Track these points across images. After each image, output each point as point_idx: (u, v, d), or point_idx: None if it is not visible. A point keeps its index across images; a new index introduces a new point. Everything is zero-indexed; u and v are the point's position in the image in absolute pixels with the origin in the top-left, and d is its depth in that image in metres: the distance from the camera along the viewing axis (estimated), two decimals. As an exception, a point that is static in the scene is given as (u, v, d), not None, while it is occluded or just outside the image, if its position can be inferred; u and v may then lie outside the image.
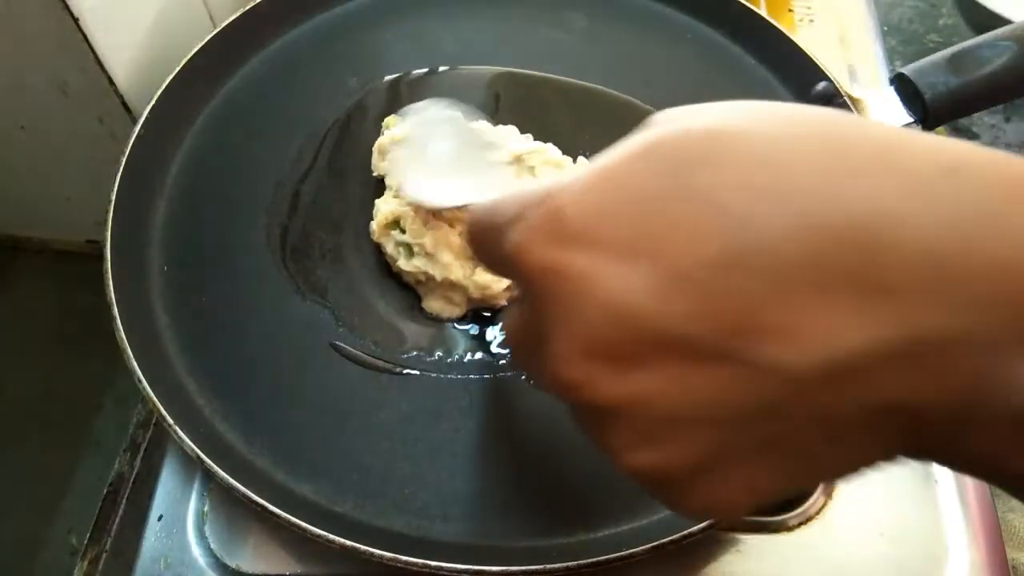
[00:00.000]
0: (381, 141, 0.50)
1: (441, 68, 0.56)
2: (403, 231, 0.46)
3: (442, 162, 0.45)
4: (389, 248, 0.46)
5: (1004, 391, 0.17)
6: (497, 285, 0.44)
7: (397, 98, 0.54)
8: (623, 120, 0.53)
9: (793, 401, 0.18)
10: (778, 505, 0.43)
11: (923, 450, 0.20)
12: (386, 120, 0.51)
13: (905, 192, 0.17)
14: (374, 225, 0.47)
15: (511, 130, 0.50)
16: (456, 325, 0.46)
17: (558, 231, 0.20)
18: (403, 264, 0.46)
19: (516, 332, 0.24)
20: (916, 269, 0.17)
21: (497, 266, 0.24)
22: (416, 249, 0.45)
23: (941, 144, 0.18)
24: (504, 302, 0.45)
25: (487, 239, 0.23)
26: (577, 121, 0.54)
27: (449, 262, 0.44)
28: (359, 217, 0.49)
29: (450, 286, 0.45)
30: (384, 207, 0.47)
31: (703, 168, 0.18)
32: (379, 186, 0.49)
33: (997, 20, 0.61)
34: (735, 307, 0.18)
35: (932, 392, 0.18)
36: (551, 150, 0.48)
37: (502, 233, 0.21)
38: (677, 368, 0.18)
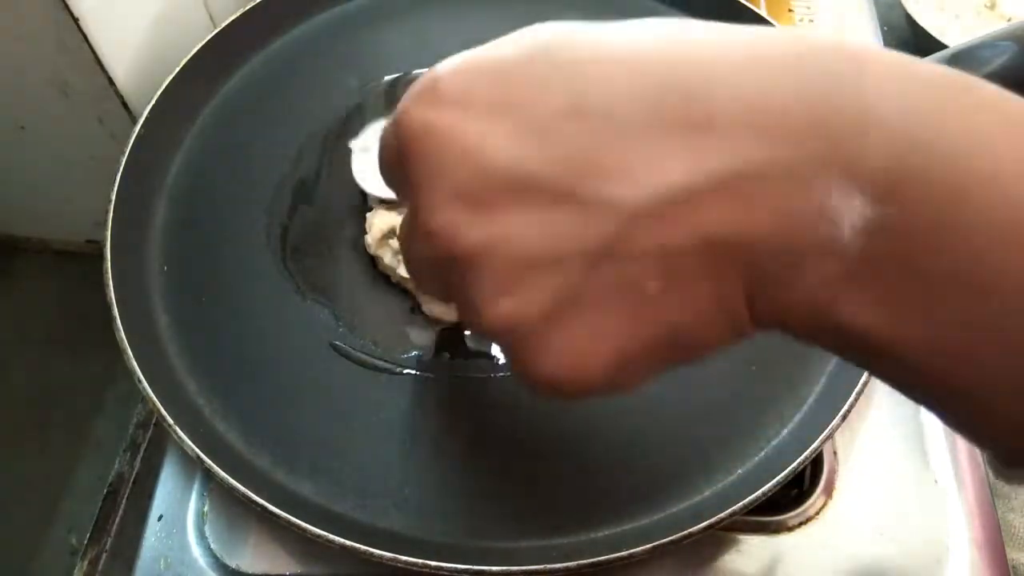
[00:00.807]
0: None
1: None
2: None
3: None
4: (387, 259, 0.46)
5: (819, 219, 0.19)
6: None
7: (397, 98, 0.54)
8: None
9: (629, 237, 0.20)
10: (777, 505, 0.43)
11: (764, 306, 0.21)
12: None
13: (723, 49, 0.20)
14: (369, 239, 0.47)
15: None
16: (456, 327, 0.46)
17: (432, 96, 0.22)
18: (403, 272, 0.46)
19: (403, 225, 0.25)
20: (732, 108, 0.19)
21: (390, 165, 0.25)
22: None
23: (768, 29, 0.21)
24: None
25: (386, 137, 0.25)
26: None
27: None
28: (359, 217, 0.49)
29: None
30: (378, 220, 0.47)
31: (566, 46, 0.21)
32: (379, 187, 0.49)
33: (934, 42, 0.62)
34: (579, 151, 0.20)
35: (754, 223, 0.19)
36: None
37: (392, 120, 0.23)
38: (530, 211, 0.20)
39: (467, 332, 0.45)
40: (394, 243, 0.46)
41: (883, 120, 0.18)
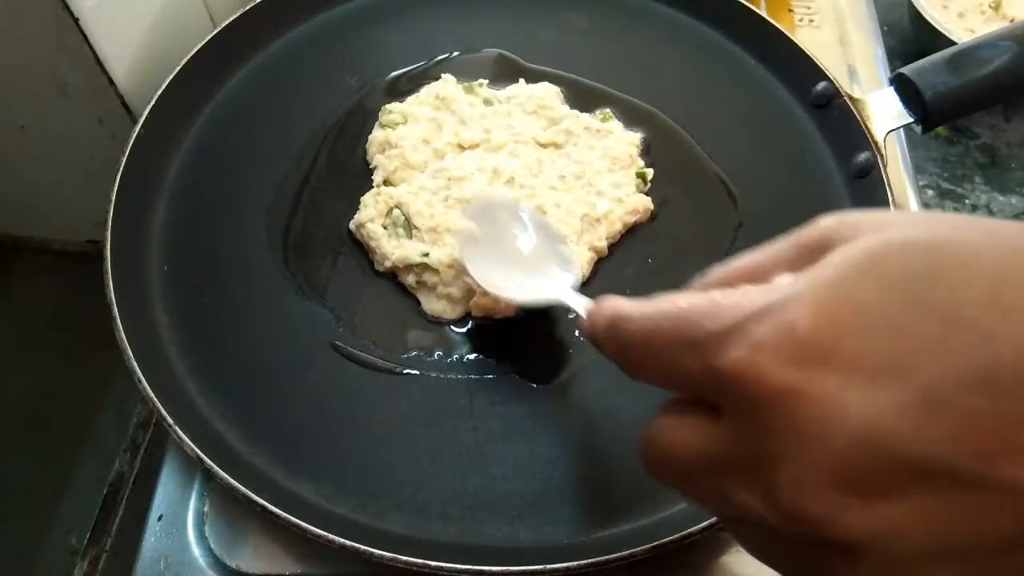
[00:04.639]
0: (376, 134, 0.51)
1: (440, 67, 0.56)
2: (403, 214, 0.47)
3: (517, 255, 0.44)
4: (373, 242, 0.47)
5: None
6: (496, 304, 0.45)
7: (396, 97, 0.54)
8: (623, 119, 0.54)
9: None
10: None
11: None
12: (384, 107, 0.52)
13: None
14: (358, 219, 0.48)
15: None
16: (456, 327, 0.46)
17: (796, 350, 0.18)
18: (394, 248, 0.46)
19: (691, 445, 0.22)
20: None
21: (675, 380, 0.22)
22: (415, 233, 0.46)
23: None
24: (505, 314, 0.45)
25: (670, 350, 0.22)
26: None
27: (451, 242, 0.45)
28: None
29: (449, 283, 0.45)
30: (371, 202, 0.48)
31: (937, 283, 0.18)
32: (379, 186, 0.49)
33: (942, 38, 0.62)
34: (994, 429, 0.17)
35: None
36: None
37: (706, 349, 0.20)
38: (931, 498, 0.17)
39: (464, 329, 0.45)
40: (396, 213, 0.47)
41: None
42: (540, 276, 0.42)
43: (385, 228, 0.47)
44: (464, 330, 0.45)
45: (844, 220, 0.21)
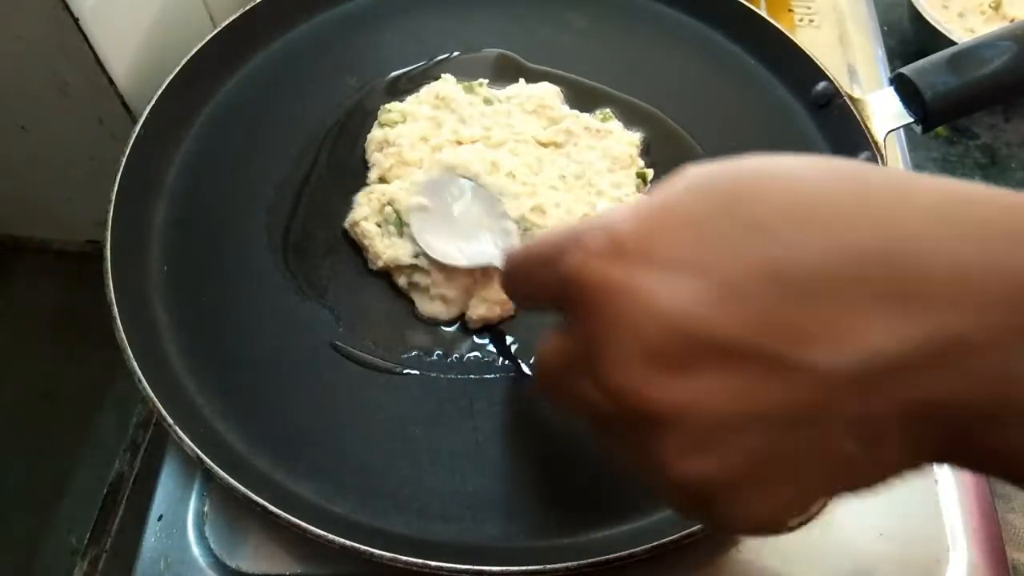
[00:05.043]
0: (374, 133, 0.51)
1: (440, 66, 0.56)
2: (395, 210, 0.47)
3: (464, 226, 0.47)
4: (367, 240, 0.47)
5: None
6: (491, 313, 0.45)
7: (396, 97, 0.54)
8: (623, 119, 0.54)
9: (833, 402, 0.19)
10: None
11: (953, 451, 0.21)
12: (383, 107, 0.52)
13: (928, 217, 0.20)
14: (352, 217, 0.48)
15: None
16: (455, 327, 0.46)
17: (617, 251, 0.21)
18: (386, 248, 0.46)
19: (553, 355, 0.25)
20: (942, 279, 0.19)
21: (540, 295, 0.25)
22: (407, 229, 0.46)
23: (949, 181, 0.21)
24: (503, 316, 0.45)
25: (533, 271, 0.25)
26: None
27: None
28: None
29: (441, 284, 0.45)
30: (364, 201, 0.48)
31: (749, 200, 0.21)
32: (379, 186, 0.49)
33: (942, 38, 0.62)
34: (780, 315, 0.19)
35: (961, 389, 0.19)
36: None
37: (555, 261, 0.23)
38: (727, 373, 0.20)
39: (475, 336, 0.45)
40: (388, 211, 0.47)
41: None
42: (481, 243, 0.45)
43: (379, 226, 0.47)
44: (464, 330, 0.45)
45: (698, 165, 0.23)
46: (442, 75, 0.54)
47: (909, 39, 0.70)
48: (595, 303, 0.21)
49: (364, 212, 0.48)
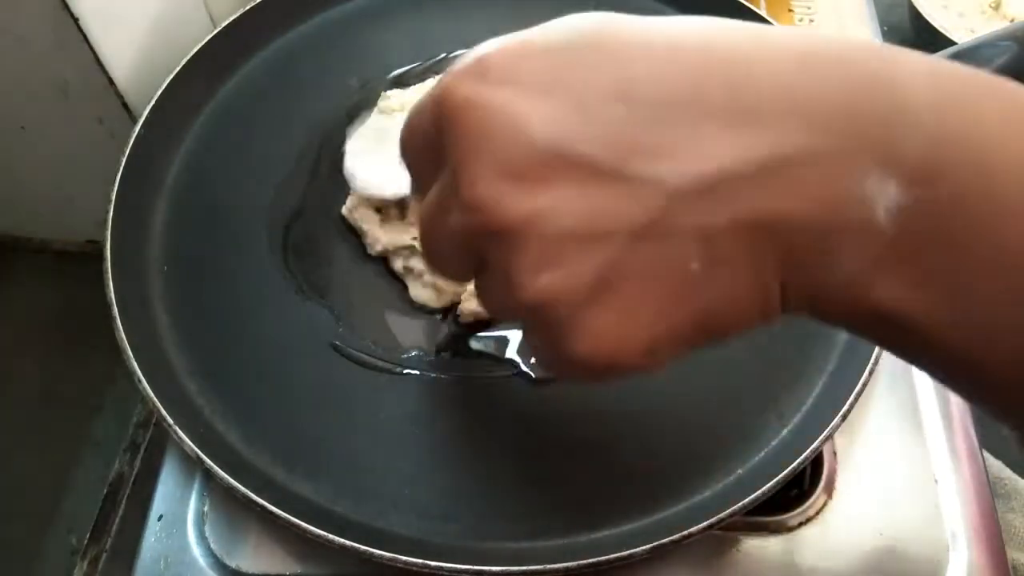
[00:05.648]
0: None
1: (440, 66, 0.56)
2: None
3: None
4: (366, 225, 0.47)
5: (856, 204, 0.20)
6: (483, 310, 0.45)
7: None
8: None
9: (673, 216, 0.21)
10: (777, 504, 0.43)
11: (794, 285, 0.22)
12: (383, 94, 0.52)
13: (761, 42, 0.22)
14: (351, 203, 0.48)
15: None
16: (455, 327, 0.46)
17: (482, 72, 0.22)
18: (384, 232, 0.46)
19: (428, 202, 0.25)
20: (774, 98, 0.20)
21: (425, 139, 0.25)
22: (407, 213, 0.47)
23: (802, 29, 0.23)
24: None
25: (415, 125, 0.25)
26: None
27: None
28: (359, 217, 0.49)
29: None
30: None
31: (607, 36, 0.22)
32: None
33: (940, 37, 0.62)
34: (625, 132, 0.21)
35: (794, 208, 0.20)
36: None
37: (430, 99, 0.24)
38: (575, 186, 0.21)
39: (472, 339, 0.45)
40: (366, 211, 0.47)
41: (917, 112, 0.20)
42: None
43: (378, 211, 0.47)
44: (464, 330, 0.45)
45: None
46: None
47: (909, 39, 0.70)
48: (458, 121, 0.22)
49: (354, 202, 0.48)
